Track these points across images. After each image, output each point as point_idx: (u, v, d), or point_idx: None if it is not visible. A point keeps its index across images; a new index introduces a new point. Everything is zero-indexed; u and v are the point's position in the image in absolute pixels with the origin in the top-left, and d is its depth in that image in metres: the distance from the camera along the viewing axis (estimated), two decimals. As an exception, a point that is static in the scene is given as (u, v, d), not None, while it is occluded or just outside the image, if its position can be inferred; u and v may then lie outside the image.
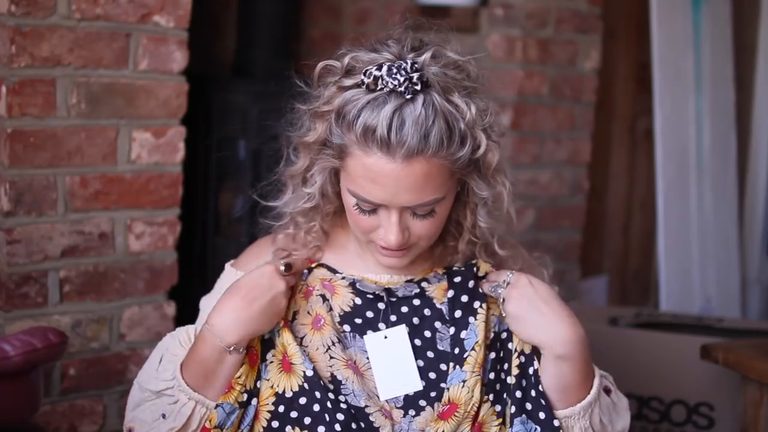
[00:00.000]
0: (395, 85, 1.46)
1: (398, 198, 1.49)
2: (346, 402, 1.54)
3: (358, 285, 1.62)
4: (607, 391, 1.63)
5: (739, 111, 3.64)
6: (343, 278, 1.64)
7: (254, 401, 1.58)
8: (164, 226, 2.41)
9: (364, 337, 1.60)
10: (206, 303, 1.72)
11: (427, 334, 1.62)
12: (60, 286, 2.27)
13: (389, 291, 1.62)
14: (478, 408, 1.56)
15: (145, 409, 1.59)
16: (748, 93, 3.67)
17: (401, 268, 1.63)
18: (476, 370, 1.57)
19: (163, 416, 1.57)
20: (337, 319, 1.61)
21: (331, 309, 1.62)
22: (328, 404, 1.53)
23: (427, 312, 1.62)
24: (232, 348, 1.54)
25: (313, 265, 1.66)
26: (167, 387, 1.57)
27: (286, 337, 1.58)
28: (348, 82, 1.51)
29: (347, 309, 1.62)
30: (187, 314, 2.38)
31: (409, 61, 1.48)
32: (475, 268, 1.66)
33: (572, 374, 1.56)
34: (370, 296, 1.62)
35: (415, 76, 1.46)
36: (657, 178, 3.42)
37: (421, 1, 3.18)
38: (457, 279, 1.64)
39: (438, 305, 1.63)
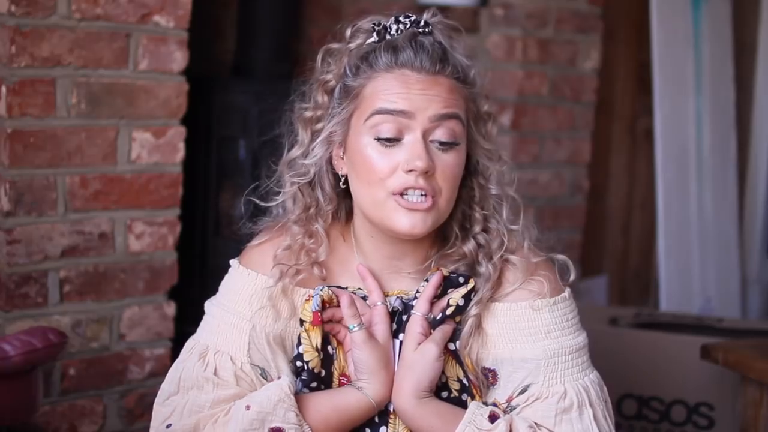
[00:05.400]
0: (406, 26, 1.54)
1: (425, 105, 1.51)
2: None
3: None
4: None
5: (739, 111, 3.64)
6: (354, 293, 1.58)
7: None
8: (164, 226, 2.41)
9: None
10: (211, 306, 1.64)
11: None
12: (60, 286, 2.27)
13: (404, 304, 1.57)
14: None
15: None
16: (748, 93, 3.67)
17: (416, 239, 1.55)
18: None
19: None
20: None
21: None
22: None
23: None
24: None
25: (321, 290, 1.58)
26: None
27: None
28: (355, 42, 1.57)
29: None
30: (186, 314, 2.38)
31: (411, 16, 1.56)
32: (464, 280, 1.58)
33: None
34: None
35: (421, 21, 1.55)
36: (657, 178, 3.42)
37: (421, 0, 3.18)
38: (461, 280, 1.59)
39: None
